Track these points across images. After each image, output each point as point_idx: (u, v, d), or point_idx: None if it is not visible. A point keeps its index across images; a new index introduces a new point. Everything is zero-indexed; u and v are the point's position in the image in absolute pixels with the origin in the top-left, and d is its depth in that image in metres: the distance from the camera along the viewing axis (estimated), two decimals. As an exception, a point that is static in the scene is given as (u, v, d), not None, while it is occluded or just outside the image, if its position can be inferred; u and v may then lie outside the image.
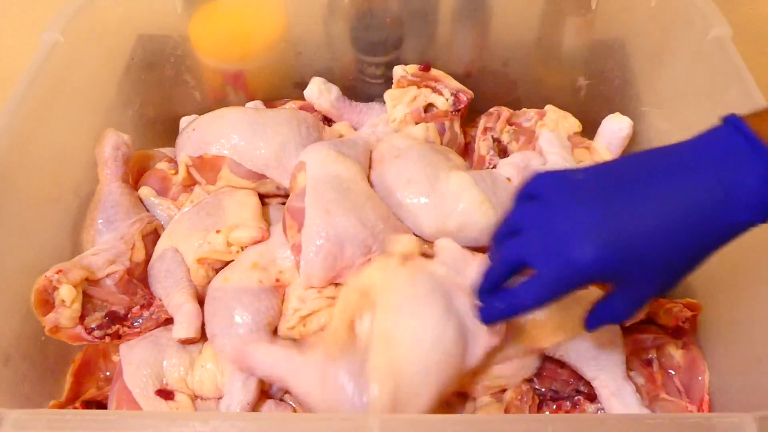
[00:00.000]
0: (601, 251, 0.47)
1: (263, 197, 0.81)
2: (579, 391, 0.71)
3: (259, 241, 0.73)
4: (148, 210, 0.81)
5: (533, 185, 0.54)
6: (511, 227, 0.54)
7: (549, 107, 0.92)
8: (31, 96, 0.74)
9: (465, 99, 0.88)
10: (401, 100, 0.87)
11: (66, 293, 0.67)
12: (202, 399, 0.68)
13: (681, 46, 0.84)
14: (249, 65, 0.95)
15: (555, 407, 0.70)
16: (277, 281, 0.71)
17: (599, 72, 0.95)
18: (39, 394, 0.70)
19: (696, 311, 0.73)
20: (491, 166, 0.85)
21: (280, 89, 0.97)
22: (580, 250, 0.47)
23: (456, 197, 0.74)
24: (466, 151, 0.90)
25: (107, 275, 0.72)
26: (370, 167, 0.79)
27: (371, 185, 0.76)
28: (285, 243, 0.72)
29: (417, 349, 0.60)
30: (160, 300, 0.73)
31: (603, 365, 0.67)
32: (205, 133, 0.80)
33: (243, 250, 0.73)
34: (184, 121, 0.93)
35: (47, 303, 0.67)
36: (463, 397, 0.70)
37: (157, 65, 0.94)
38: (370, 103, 0.93)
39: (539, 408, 0.69)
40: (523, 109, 0.93)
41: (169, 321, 0.71)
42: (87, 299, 0.70)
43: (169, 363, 0.68)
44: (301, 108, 0.91)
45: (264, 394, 0.69)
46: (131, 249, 0.74)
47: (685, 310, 0.73)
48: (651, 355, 0.74)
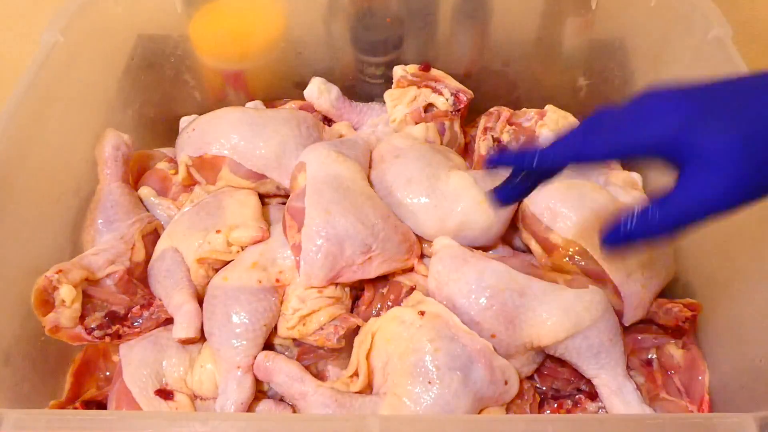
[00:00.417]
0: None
1: (263, 197, 0.81)
2: (580, 390, 0.71)
3: (259, 241, 0.73)
4: (148, 210, 0.82)
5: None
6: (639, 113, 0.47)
7: (549, 107, 0.92)
8: (31, 96, 0.74)
9: (465, 99, 0.88)
10: (401, 100, 0.87)
11: (66, 293, 0.67)
12: (201, 399, 0.68)
13: (681, 46, 0.84)
14: (249, 65, 0.95)
15: (556, 406, 0.70)
16: (277, 281, 0.71)
17: (599, 72, 0.95)
18: (39, 394, 0.70)
19: (696, 311, 0.73)
20: (491, 166, 0.85)
21: (280, 89, 0.97)
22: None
23: (456, 197, 0.74)
24: (466, 151, 0.91)
25: (107, 275, 0.72)
26: (370, 167, 0.79)
27: (371, 185, 0.76)
28: (285, 243, 0.72)
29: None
30: (160, 300, 0.73)
31: (603, 364, 0.67)
32: (205, 133, 0.80)
33: (243, 249, 0.73)
34: (184, 121, 0.93)
35: (47, 303, 0.67)
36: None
37: (157, 65, 0.94)
38: (370, 103, 0.93)
39: (540, 407, 0.69)
40: (523, 109, 0.93)
41: (169, 321, 0.71)
42: (87, 299, 0.70)
43: (169, 363, 0.68)
44: (301, 108, 0.91)
45: (261, 393, 0.69)
46: (131, 249, 0.74)
47: (685, 310, 0.73)
48: (651, 355, 0.74)
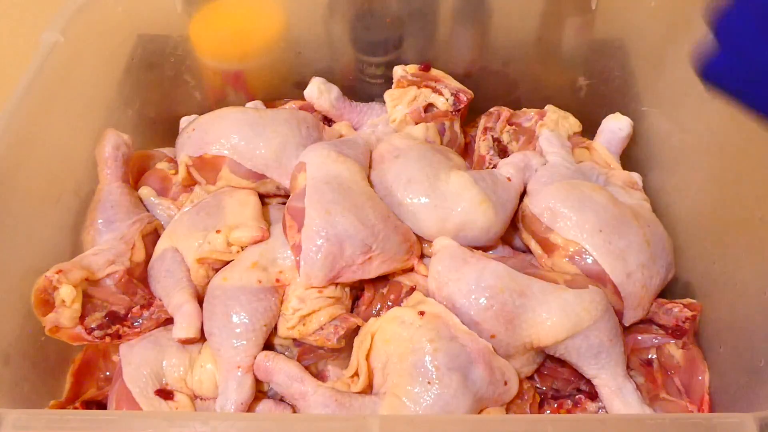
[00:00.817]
0: None
1: (263, 197, 0.81)
2: (580, 390, 0.71)
3: (259, 241, 0.73)
4: (148, 210, 0.82)
5: None
6: None
7: (549, 107, 0.92)
8: (31, 96, 0.74)
9: (465, 99, 0.88)
10: (401, 100, 0.87)
11: (66, 293, 0.67)
12: (201, 399, 0.68)
13: (681, 46, 0.83)
14: (249, 65, 0.95)
15: (556, 406, 0.70)
16: (277, 281, 0.71)
17: (599, 72, 0.95)
18: (39, 394, 0.70)
19: (696, 311, 0.73)
20: (491, 166, 0.85)
21: (280, 89, 0.97)
22: None
23: (456, 197, 0.74)
24: (466, 151, 0.91)
25: (107, 275, 0.72)
26: (370, 167, 0.79)
27: (371, 185, 0.76)
28: (285, 243, 0.72)
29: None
30: (160, 300, 0.73)
31: (603, 364, 0.67)
32: (205, 133, 0.80)
33: (243, 250, 0.73)
34: (184, 121, 0.93)
35: (47, 303, 0.67)
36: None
37: (157, 65, 0.94)
38: (370, 103, 0.93)
39: (540, 407, 0.69)
40: (523, 109, 0.93)
41: (169, 321, 0.71)
42: (87, 299, 0.70)
43: (169, 363, 0.68)
44: (301, 108, 0.91)
45: (261, 393, 0.69)
46: (131, 249, 0.74)
47: (685, 310, 0.73)
48: (651, 355, 0.74)
